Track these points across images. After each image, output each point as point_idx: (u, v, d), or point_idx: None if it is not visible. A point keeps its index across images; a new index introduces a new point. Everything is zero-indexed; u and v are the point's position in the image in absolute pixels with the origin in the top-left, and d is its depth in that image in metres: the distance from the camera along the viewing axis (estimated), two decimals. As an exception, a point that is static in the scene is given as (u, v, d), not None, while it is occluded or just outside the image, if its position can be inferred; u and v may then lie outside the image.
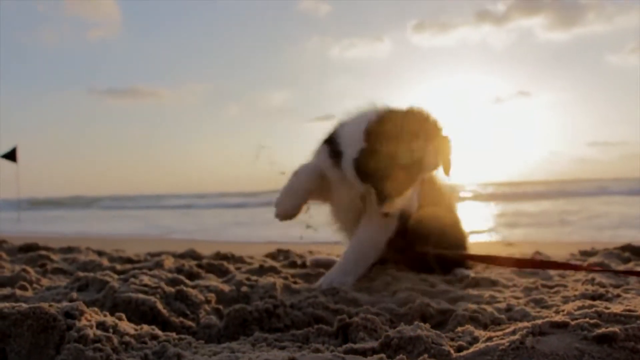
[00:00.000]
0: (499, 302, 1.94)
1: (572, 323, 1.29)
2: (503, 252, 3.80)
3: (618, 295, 1.91)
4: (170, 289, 1.94)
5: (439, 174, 2.37)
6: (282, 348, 1.41)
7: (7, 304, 1.37)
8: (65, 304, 1.46)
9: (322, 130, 2.50)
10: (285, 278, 2.46)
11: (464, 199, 18.48)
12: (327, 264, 2.86)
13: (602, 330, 1.23)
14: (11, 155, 12.39)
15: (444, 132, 2.24)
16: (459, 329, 1.49)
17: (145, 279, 2.10)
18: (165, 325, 1.72)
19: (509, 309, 1.80)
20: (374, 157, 2.19)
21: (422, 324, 1.36)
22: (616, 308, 1.42)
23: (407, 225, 2.48)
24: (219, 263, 2.86)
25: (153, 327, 1.56)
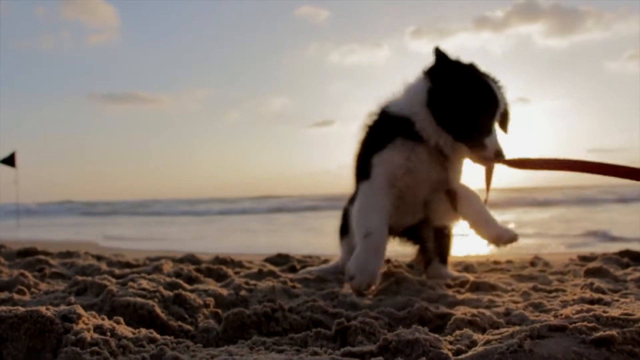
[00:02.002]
0: (498, 306, 1.94)
1: (570, 326, 1.28)
2: (503, 257, 3.80)
3: (616, 300, 1.91)
4: (169, 293, 1.94)
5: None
6: (281, 352, 1.40)
7: (4, 308, 1.37)
8: (62, 307, 1.45)
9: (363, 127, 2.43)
10: (284, 282, 2.46)
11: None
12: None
13: (600, 333, 1.22)
14: (10, 161, 12.39)
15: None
16: (458, 332, 1.49)
17: (144, 283, 2.09)
18: (163, 329, 1.71)
19: (507, 313, 1.80)
20: (464, 105, 2.16)
21: (420, 327, 1.36)
22: (614, 312, 1.42)
23: None
24: (218, 267, 2.86)
25: (151, 330, 1.56)
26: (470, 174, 2.42)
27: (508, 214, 12.86)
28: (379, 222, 2.20)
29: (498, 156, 2.20)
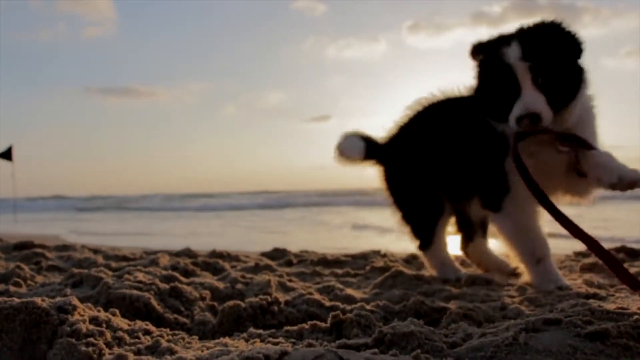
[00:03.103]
0: (494, 300, 1.94)
1: (565, 320, 1.29)
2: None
3: (611, 295, 1.92)
4: (165, 286, 1.94)
5: None
6: (276, 344, 1.40)
7: (-1, 299, 1.37)
8: (58, 299, 1.45)
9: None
10: (281, 276, 2.46)
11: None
12: None
13: (595, 327, 1.23)
14: (7, 155, 12.34)
15: None
16: (453, 326, 1.49)
17: (140, 276, 2.09)
18: (159, 322, 1.71)
19: (503, 307, 1.80)
20: None
21: (415, 320, 1.36)
22: (609, 306, 1.42)
23: None
24: (215, 261, 2.86)
25: (147, 322, 1.56)
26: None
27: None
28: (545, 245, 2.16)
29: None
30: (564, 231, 1.91)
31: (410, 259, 3.15)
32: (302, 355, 1.12)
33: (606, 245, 3.59)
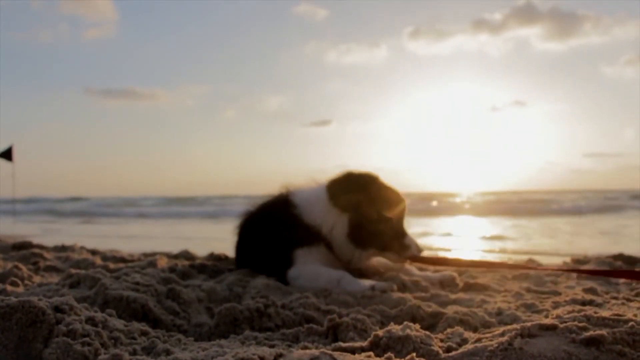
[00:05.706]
0: (490, 306, 1.95)
1: (561, 326, 1.29)
2: (497, 260, 3.81)
3: (608, 302, 1.92)
4: (162, 288, 1.94)
5: None
6: (272, 347, 1.41)
7: (-4, 297, 1.36)
8: (55, 298, 1.45)
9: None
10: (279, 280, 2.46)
11: (459, 208, 18.41)
12: None
13: (590, 333, 1.23)
14: (7, 155, 12.34)
15: None
16: (449, 330, 1.49)
17: (138, 277, 2.09)
18: (156, 323, 1.71)
19: (499, 312, 1.81)
20: None
21: (411, 324, 1.36)
22: (605, 313, 1.42)
23: None
24: (212, 264, 2.86)
25: (143, 324, 1.56)
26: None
27: (503, 216, 12.85)
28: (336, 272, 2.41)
29: None
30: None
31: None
32: (297, 357, 1.12)
33: (605, 252, 3.60)
